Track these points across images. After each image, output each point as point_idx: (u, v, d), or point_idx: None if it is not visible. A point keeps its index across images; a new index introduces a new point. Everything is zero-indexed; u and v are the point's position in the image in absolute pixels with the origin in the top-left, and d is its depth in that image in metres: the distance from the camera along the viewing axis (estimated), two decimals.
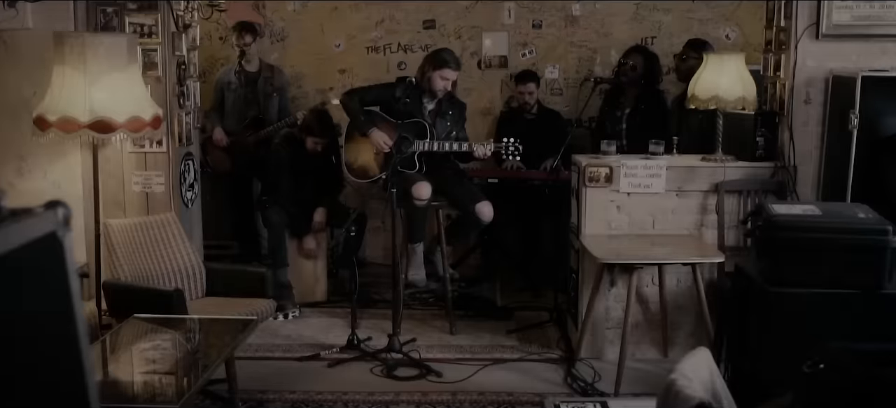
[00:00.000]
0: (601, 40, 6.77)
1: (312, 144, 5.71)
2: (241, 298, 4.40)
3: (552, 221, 6.28)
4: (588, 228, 4.79)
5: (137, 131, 4.11)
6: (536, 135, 6.11)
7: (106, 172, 4.77)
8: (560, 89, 6.86)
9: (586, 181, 4.74)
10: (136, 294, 4.08)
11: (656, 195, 4.79)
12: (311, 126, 5.69)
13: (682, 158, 4.96)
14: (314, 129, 5.67)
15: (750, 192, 4.78)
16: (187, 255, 4.52)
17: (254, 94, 6.38)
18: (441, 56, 5.25)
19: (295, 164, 5.79)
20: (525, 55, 6.81)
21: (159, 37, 4.69)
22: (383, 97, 5.36)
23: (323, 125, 5.66)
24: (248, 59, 6.31)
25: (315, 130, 5.67)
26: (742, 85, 4.72)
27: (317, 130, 5.66)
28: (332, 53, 6.88)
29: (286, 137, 5.91)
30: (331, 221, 5.93)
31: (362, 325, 5.40)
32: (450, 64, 5.21)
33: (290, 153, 5.79)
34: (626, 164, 4.76)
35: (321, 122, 5.67)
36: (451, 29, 6.80)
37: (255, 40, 6.31)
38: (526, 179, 6.13)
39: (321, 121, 5.67)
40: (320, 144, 5.69)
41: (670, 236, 4.74)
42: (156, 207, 4.80)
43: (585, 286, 4.80)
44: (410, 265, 5.27)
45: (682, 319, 4.87)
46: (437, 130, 5.27)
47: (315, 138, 5.68)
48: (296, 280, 5.83)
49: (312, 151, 5.73)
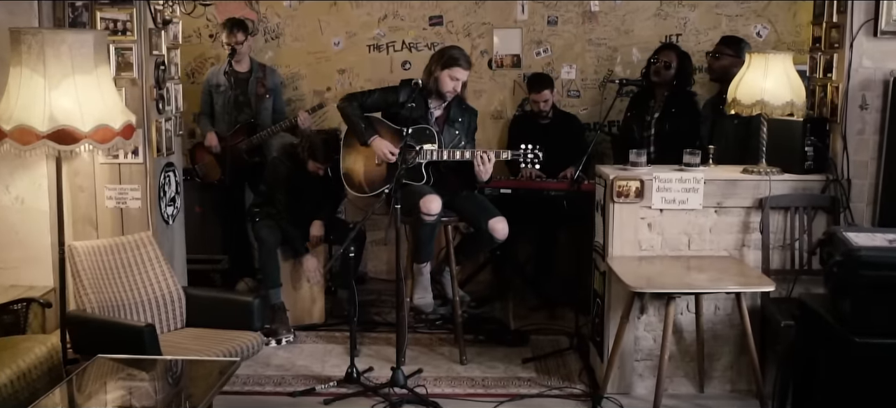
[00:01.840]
0: (622, 38, 6.27)
1: (314, 168, 5.21)
2: (224, 329, 3.89)
3: (570, 235, 5.80)
4: (616, 249, 4.27)
5: (105, 142, 3.60)
6: (552, 141, 5.59)
7: (75, 186, 4.28)
8: (577, 91, 6.35)
9: (614, 196, 4.22)
10: (103, 329, 3.57)
11: (692, 212, 4.27)
12: (315, 150, 5.17)
13: (721, 169, 4.44)
14: (319, 154, 5.16)
15: (798, 208, 4.27)
16: (164, 281, 4.01)
17: (245, 96, 5.87)
18: (450, 54, 4.74)
19: (293, 181, 5.28)
20: (539, 54, 6.32)
21: (135, 34, 4.17)
22: (385, 102, 4.85)
23: (328, 150, 5.13)
24: (238, 58, 5.80)
25: (320, 155, 5.16)
26: (790, 88, 4.20)
27: (321, 156, 5.15)
28: (331, 52, 6.40)
29: (286, 151, 5.40)
30: (329, 236, 5.41)
31: (363, 351, 4.92)
32: (460, 62, 4.70)
33: (288, 169, 5.28)
34: (659, 176, 4.25)
35: (327, 147, 5.14)
36: (459, 26, 6.30)
37: (246, 39, 5.79)
38: (543, 190, 5.61)
39: (327, 146, 5.14)
40: (322, 169, 5.19)
41: (708, 259, 4.23)
42: (132, 224, 4.29)
43: (612, 314, 4.29)
44: (416, 288, 4.75)
45: (721, 350, 4.36)
46: (444, 140, 4.75)
47: (319, 164, 5.17)
48: (290, 301, 5.33)
49: (314, 174, 5.23)
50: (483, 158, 4.58)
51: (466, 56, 4.79)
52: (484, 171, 4.61)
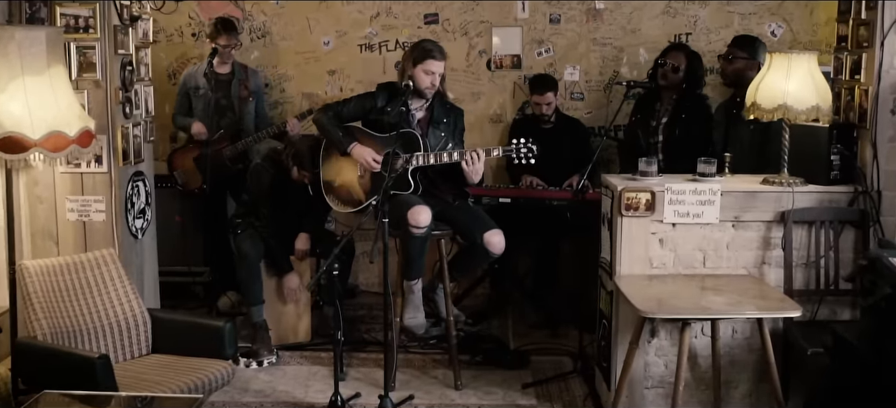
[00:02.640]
0: (628, 38, 5.92)
1: (299, 176, 4.85)
2: (193, 357, 3.52)
3: (573, 246, 5.44)
4: (624, 267, 3.90)
5: (58, 150, 3.25)
6: (555, 147, 5.26)
7: (34, 197, 3.92)
8: (581, 94, 5.99)
9: (623, 209, 3.86)
10: (53, 359, 3.21)
11: (708, 226, 3.91)
12: (301, 157, 4.81)
13: (738, 180, 4.08)
14: (304, 160, 4.80)
15: (823, 223, 3.90)
16: (128, 303, 3.64)
17: (227, 99, 5.51)
18: (421, 46, 4.39)
19: (276, 189, 4.92)
20: (541, 54, 5.96)
21: (98, 31, 3.81)
22: (363, 109, 4.51)
23: (315, 158, 4.77)
24: (222, 58, 5.43)
25: (305, 162, 4.79)
26: (815, 91, 3.84)
27: (307, 163, 4.79)
28: (321, 52, 6.05)
29: (270, 158, 5.04)
30: (315, 249, 5.05)
31: (350, 375, 4.58)
32: (433, 54, 4.34)
33: (271, 177, 4.92)
34: (672, 187, 3.88)
35: (313, 154, 4.78)
36: (456, 24, 5.95)
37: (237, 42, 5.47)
38: (544, 199, 5.25)
39: (313, 153, 4.78)
40: (308, 177, 4.83)
41: (726, 278, 3.86)
42: (96, 239, 3.93)
43: (621, 338, 3.93)
44: (406, 307, 4.38)
45: (738, 376, 4.01)
46: (429, 143, 4.39)
47: (304, 172, 4.81)
48: (273, 318, 4.97)
49: (299, 182, 4.87)
50: (471, 158, 4.22)
51: (439, 47, 4.43)
52: (473, 171, 4.26)
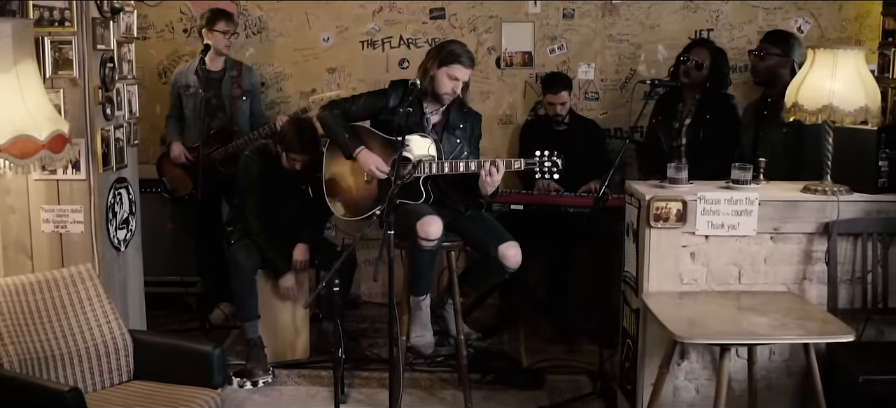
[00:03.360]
0: (646, 34, 5.58)
1: (289, 162, 4.50)
2: (178, 385, 3.18)
3: (589, 254, 5.12)
4: (652, 283, 3.57)
5: (26, 157, 2.91)
6: (570, 150, 4.86)
7: (5, 207, 3.58)
8: (596, 93, 5.65)
9: (651, 220, 3.52)
10: (19, 391, 2.86)
11: (744, 238, 3.57)
12: (288, 139, 4.47)
13: (775, 187, 3.73)
14: (292, 142, 4.45)
15: (870, 235, 3.56)
16: (107, 325, 3.30)
17: (218, 98, 5.17)
18: (449, 49, 4.04)
19: (268, 185, 4.58)
20: (553, 51, 5.62)
21: (75, 25, 3.47)
22: (373, 108, 4.16)
23: (304, 139, 4.44)
24: (217, 51, 5.11)
25: (294, 144, 4.45)
26: (864, 91, 3.50)
27: (296, 145, 4.45)
28: (320, 49, 5.71)
29: (259, 151, 4.70)
30: (315, 260, 4.71)
31: (352, 396, 4.27)
32: (461, 59, 4.01)
33: (261, 171, 4.57)
34: (705, 196, 3.54)
35: (301, 134, 4.45)
36: (463, 19, 5.61)
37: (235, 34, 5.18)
38: (560, 205, 4.91)
39: (301, 133, 4.45)
40: (299, 162, 4.48)
41: (764, 296, 3.52)
42: (73, 252, 3.58)
43: (648, 360, 3.59)
44: (413, 325, 4.04)
45: (776, 401, 3.67)
46: (443, 150, 4.05)
47: (294, 155, 4.47)
48: (270, 334, 4.64)
49: (290, 169, 4.53)
50: (492, 169, 3.88)
51: (469, 52, 4.09)
52: (490, 183, 3.92)
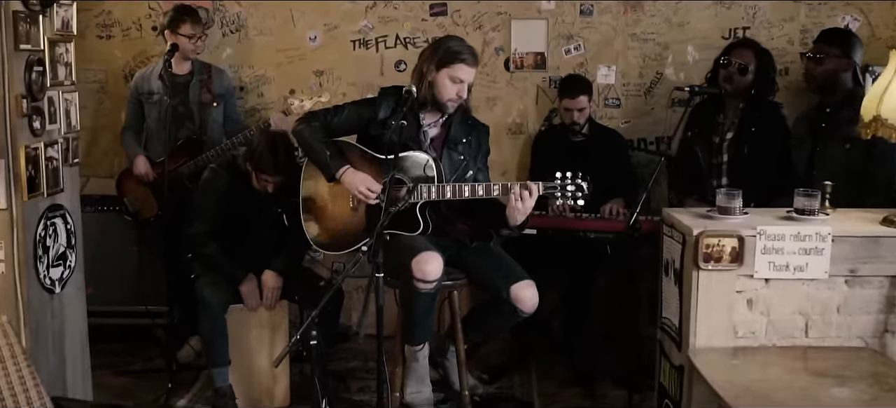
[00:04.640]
0: (674, 33, 4.99)
1: (260, 183, 3.87)
2: None
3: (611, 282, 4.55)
4: (701, 337, 2.92)
5: None
6: (589, 164, 4.27)
7: None
8: (617, 99, 5.04)
9: (700, 261, 2.87)
10: None
11: (812, 282, 2.93)
12: (258, 156, 3.83)
13: (849, 218, 3.09)
14: (264, 161, 3.81)
15: None
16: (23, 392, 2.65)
17: (185, 105, 4.55)
18: (447, 47, 3.40)
19: (234, 207, 3.94)
20: (570, 52, 5.03)
21: None
22: (360, 120, 3.52)
23: (277, 156, 3.80)
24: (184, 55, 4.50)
25: (266, 162, 3.81)
26: None
27: (268, 164, 3.80)
28: (306, 49, 5.14)
29: (227, 165, 4.06)
30: (294, 296, 4.06)
31: None
32: (463, 57, 3.37)
33: (227, 188, 3.94)
34: (766, 231, 2.89)
35: (275, 151, 3.80)
36: (468, 16, 5.02)
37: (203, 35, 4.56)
38: (581, 230, 4.29)
39: (275, 150, 3.81)
40: (271, 184, 3.85)
41: (838, 353, 2.90)
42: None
43: None
44: (408, 379, 3.40)
45: None
46: (443, 169, 3.40)
47: (266, 176, 3.83)
48: (244, 378, 4.02)
49: (261, 191, 3.89)
50: (524, 193, 3.23)
51: (471, 48, 3.44)
52: (521, 209, 3.26)
